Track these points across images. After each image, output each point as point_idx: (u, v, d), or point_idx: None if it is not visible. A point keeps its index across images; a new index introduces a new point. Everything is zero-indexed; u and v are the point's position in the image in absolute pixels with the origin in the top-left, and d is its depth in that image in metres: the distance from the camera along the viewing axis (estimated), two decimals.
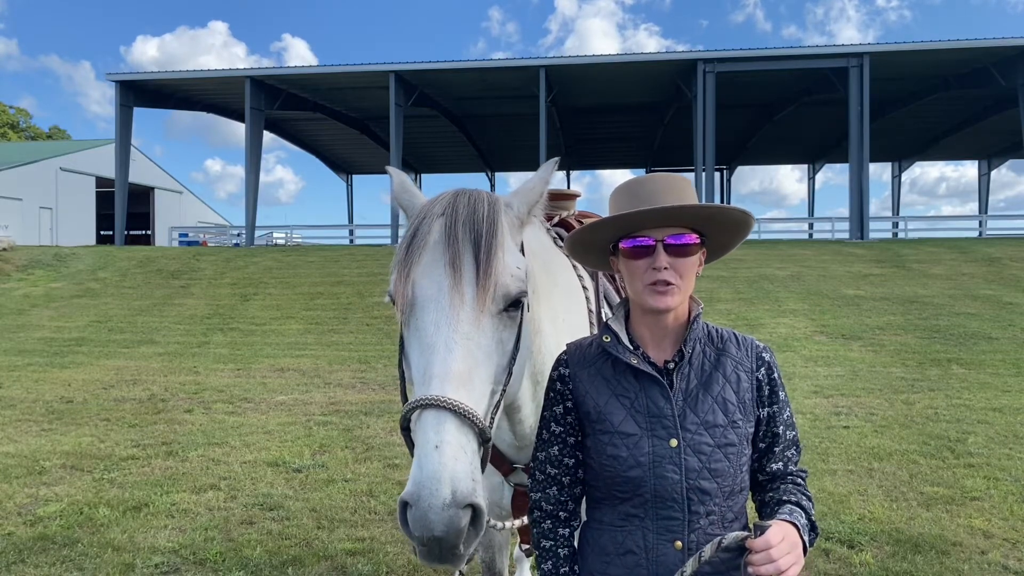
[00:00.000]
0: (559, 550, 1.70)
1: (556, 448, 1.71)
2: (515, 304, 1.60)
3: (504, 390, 1.57)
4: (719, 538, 1.49)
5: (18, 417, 8.24)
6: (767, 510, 1.64)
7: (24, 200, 36.44)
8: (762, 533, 1.42)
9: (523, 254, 1.74)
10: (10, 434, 7.49)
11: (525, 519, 2.12)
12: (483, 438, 1.45)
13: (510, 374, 1.58)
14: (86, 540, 4.69)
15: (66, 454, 6.70)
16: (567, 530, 1.71)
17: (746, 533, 1.47)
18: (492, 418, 1.52)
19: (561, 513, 1.71)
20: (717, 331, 1.71)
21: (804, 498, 1.61)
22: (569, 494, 1.72)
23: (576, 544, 1.75)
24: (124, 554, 4.48)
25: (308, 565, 4.32)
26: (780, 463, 1.67)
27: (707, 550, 1.48)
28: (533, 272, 1.91)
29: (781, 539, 1.42)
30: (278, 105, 30.33)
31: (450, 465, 1.36)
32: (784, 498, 1.61)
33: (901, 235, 30.65)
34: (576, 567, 1.69)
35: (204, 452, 6.76)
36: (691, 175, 29.58)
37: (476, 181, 48.66)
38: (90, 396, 9.32)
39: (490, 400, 1.52)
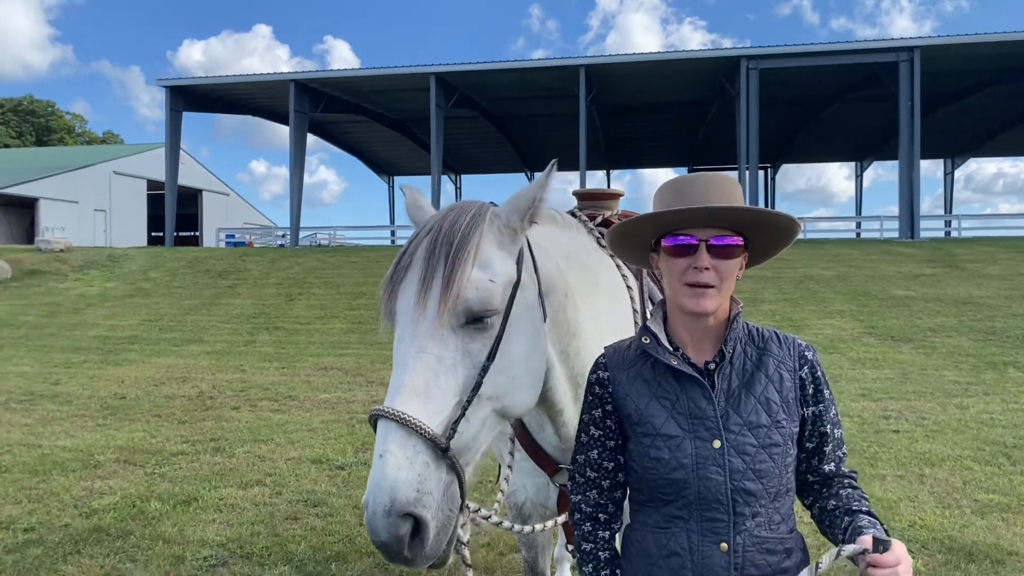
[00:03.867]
0: (599, 553, 1.69)
1: (595, 452, 1.70)
2: (480, 317, 1.58)
3: (470, 401, 1.55)
4: (837, 549, 1.44)
5: (74, 412, 8.54)
6: (835, 518, 1.58)
7: (80, 203, 37.77)
8: (886, 549, 1.38)
9: (519, 262, 1.71)
10: (67, 429, 7.76)
11: (562, 518, 2.12)
12: (440, 448, 1.47)
13: (478, 385, 1.56)
14: (138, 532, 4.84)
15: (119, 449, 6.91)
16: (607, 533, 1.70)
17: (862, 547, 1.42)
18: (453, 428, 1.51)
19: (601, 515, 1.71)
20: (758, 330, 1.69)
21: (866, 505, 1.58)
22: (609, 497, 1.71)
23: (619, 547, 1.74)
24: (174, 546, 4.61)
25: (351, 561, 4.38)
26: (832, 464, 1.64)
27: (825, 560, 1.43)
28: (561, 275, 1.91)
29: (904, 558, 1.38)
30: (321, 108, 30.79)
31: (391, 475, 1.43)
32: (855, 508, 1.56)
33: (954, 234, 29.69)
34: (617, 571, 1.68)
35: (250, 449, 6.91)
36: (734, 174, 29.12)
37: (515, 181, 48.62)
38: (142, 393, 9.60)
39: (454, 412, 1.52)
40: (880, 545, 1.40)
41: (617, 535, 1.75)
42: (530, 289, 1.75)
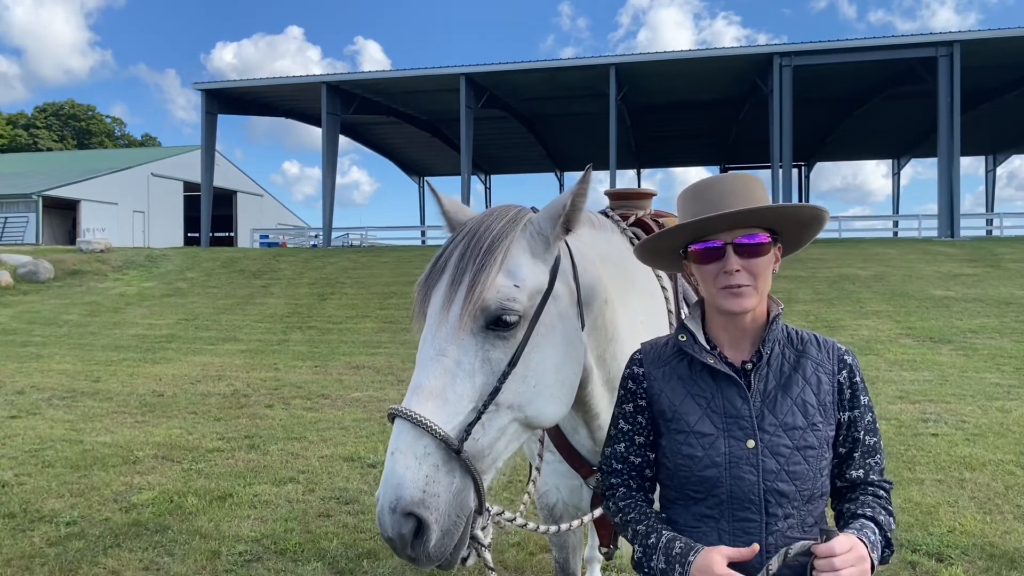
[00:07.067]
0: (647, 508, 1.66)
1: (622, 445, 1.70)
2: (501, 323, 1.58)
3: (486, 406, 1.54)
4: (785, 549, 1.46)
5: (114, 409, 8.74)
6: (842, 522, 1.60)
7: (119, 204, 38.67)
8: (828, 540, 1.39)
9: (554, 271, 1.70)
10: (107, 425, 7.95)
11: (595, 513, 2.11)
12: (453, 450, 1.48)
13: (496, 391, 1.55)
14: (176, 527, 4.94)
15: (157, 445, 7.06)
16: (647, 500, 1.70)
17: (812, 541, 1.44)
18: (467, 432, 1.51)
19: (637, 494, 1.70)
20: (797, 333, 1.68)
21: (883, 512, 1.56)
22: (636, 492, 1.71)
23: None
24: (211, 541, 4.69)
25: (382, 559, 4.41)
26: (861, 471, 1.62)
27: (774, 563, 1.45)
28: (600, 281, 1.89)
29: (848, 549, 1.38)
30: (353, 109, 31.12)
31: (399, 472, 1.45)
32: (859, 512, 1.56)
33: (996, 232, 28.95)
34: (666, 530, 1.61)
35: (284, 446, 7.00)
36: (767, 172, 28.74)
37: (544, 181, 48.67)
38: (179, 390, 9.79)
39: (469, 416, 1.53)
40: (824, 535, 1.40)
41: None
42: (565, 299, 1.73)
